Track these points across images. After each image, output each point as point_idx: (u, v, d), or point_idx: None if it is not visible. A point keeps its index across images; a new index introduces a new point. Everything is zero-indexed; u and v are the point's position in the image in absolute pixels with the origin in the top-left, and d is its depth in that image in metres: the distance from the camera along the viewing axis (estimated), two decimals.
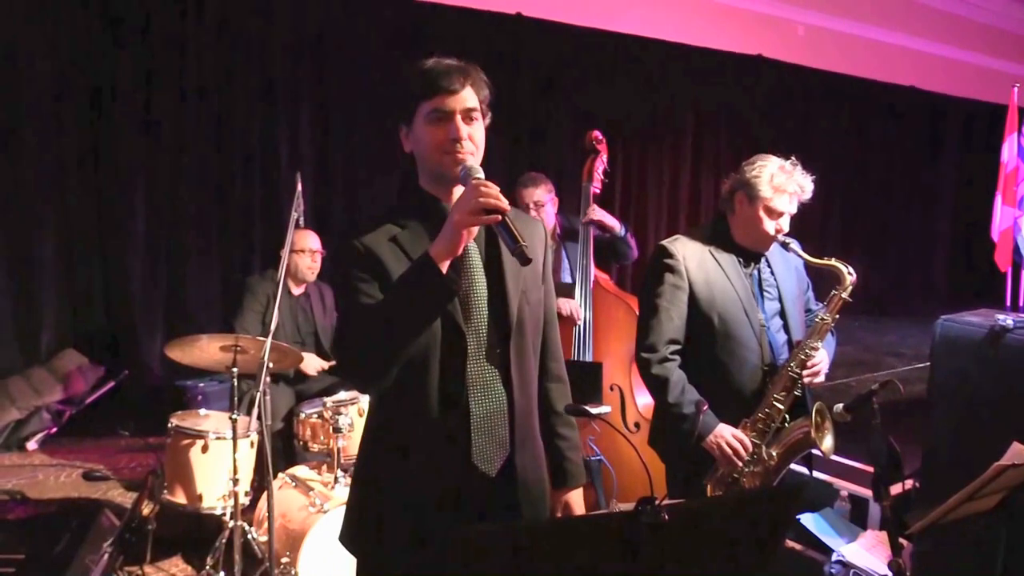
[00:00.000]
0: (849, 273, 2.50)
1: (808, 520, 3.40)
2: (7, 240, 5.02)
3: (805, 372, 2.47)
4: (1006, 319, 2.71)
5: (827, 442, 2.43)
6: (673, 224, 7.76)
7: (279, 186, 5.69)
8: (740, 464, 2.46)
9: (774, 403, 2.46)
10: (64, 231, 5.18)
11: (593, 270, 3.76)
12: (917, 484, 3.20)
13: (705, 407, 2.30)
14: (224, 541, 3.11)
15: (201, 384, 4.81)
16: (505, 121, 6.78)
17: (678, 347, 2.52)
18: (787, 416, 2.48)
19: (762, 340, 2.51)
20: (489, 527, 1.47)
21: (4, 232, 5.01)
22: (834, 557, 3.18)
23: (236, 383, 3.12)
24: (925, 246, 10.49)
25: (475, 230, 1.67)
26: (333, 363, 4.03)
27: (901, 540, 2.14)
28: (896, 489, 3.58)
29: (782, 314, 2.58)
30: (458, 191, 1.75)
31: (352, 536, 1.83)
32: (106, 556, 2.55)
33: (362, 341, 1.61)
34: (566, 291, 3.88)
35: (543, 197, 3.98)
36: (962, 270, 10.43)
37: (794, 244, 2.54)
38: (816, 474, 3.79)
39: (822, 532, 3.35)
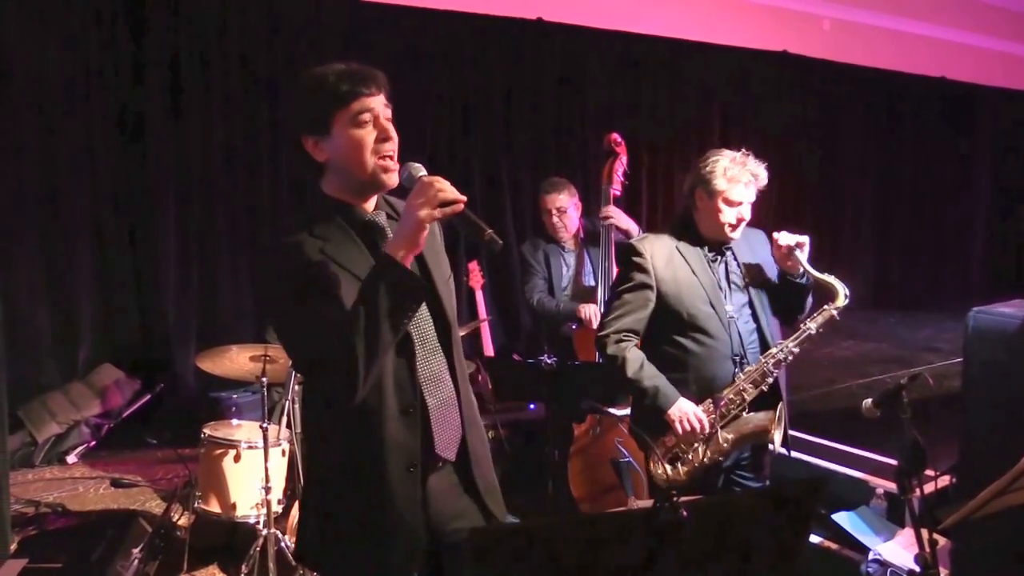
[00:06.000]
0: (845, 296, 2.58)
1: (843, 519, 3.36)
2: (45, 259, 5.13)
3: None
4: None
5: (776, 439, 2.55)
6: None
7: (307, 198, 5.75)
8: (695, 440, 2.56)
9: (742, 392, 2.57)
10: (99, 249, 5.29)
11: (615, 271, 3.75)
12: (954, 480, 3.14)
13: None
14: (258, 549, 3.15)
15: (235, 395, 4.88)
16: (529, 126, 6.80)
17: (635, 336, 2.65)
18: (747, 407, 2.59)
19: (731, 331, 2.62)
20: (508, 525, 1.48)
21: (42, 251, 5.12)
22: (871, 556, 3.14)
23: (266, 392, 3.16)
24: (961, 239, 10.29)
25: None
26: None
27: (938, 537, 2.11)
28: (933, 486, 3.53)
29: (751, 304, 2.68)
30: (373, 199, 1.77)
31: (315, 551, 1.81)
32: (136, 562, 2.59)
33: (343, 353, 1.56)
34: (588, 294, 3.87)
35: (566, 202, 4.00)
36: (1000, 262, 10.22)
37: (798, 251, 2.61)
38: (851, 472, 3.74)
39: (858, 531, 3.30)
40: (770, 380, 2.57)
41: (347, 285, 1.64)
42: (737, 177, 2.56)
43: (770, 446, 2.58)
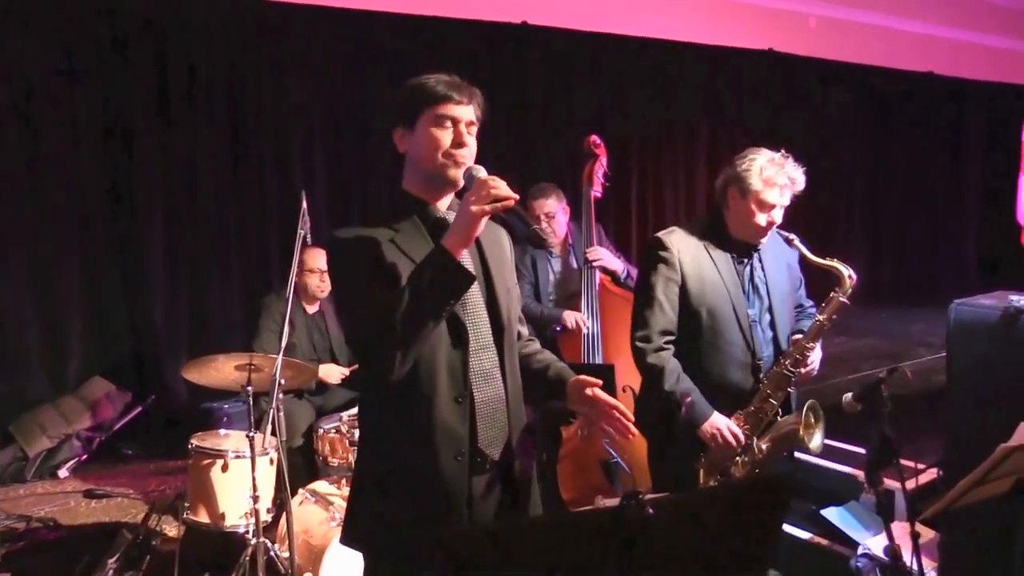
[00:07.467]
0: (849, 276, 2.53)
1: (833, 514, 3.37)
2: (32, 273, 5.12)
3: (803, 370, 2.52)
4: (1020, 300, 2.67)
5: (815, 440, 2.48)
6: None
7: (295, 205, 5.74)
8: (733, 454, 2.51)
9: (768, 398, 2.51)
10: (87, 261, 5.28)
11: (598, 277, 3.76)
12: (941, 473, 3.15)
13: (689, 398, 2.33)
14: (247, 559, 3.13)
15: (226, 406, 4.85)
16: (517, 131, 6.80)
17: (671, 338, 2.56)
18: (780, 411, 2.54)
19: (748, 337, 2.55)
20: (474, 527, 1.49)
21: (29, 265, 5.11)
22: (860, 550, 3.15)
23: (252, 401, 3.15)
24: (952, 232, 10.31)
25: (481, 227, 1.76)
26: (354, 368, 4.07)
27: (926, 529, 2.11)
28: (922, 479, 3.54)
29: (770, 310, 2.61)
30: (447, 198, 1.89)
31: (359, 534, 1.91)
32: (111, 572, 2.59)
33: (387, 332, 1.68)
34: (574, 298, 3.86)
35: (554, 208, 3.98)
36: (992, 255, 10.22)
37: (798, 241, 2.60)
38: (840, 467, 3.75)
39: (847, 526, 3.32)
40: (794, 381, 2.51)
41: (408, 274, 1.76)
42: (773, 179, 2.47)
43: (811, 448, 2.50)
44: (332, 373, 4.06)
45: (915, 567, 2.03)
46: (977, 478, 1.75)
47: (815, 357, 2.56)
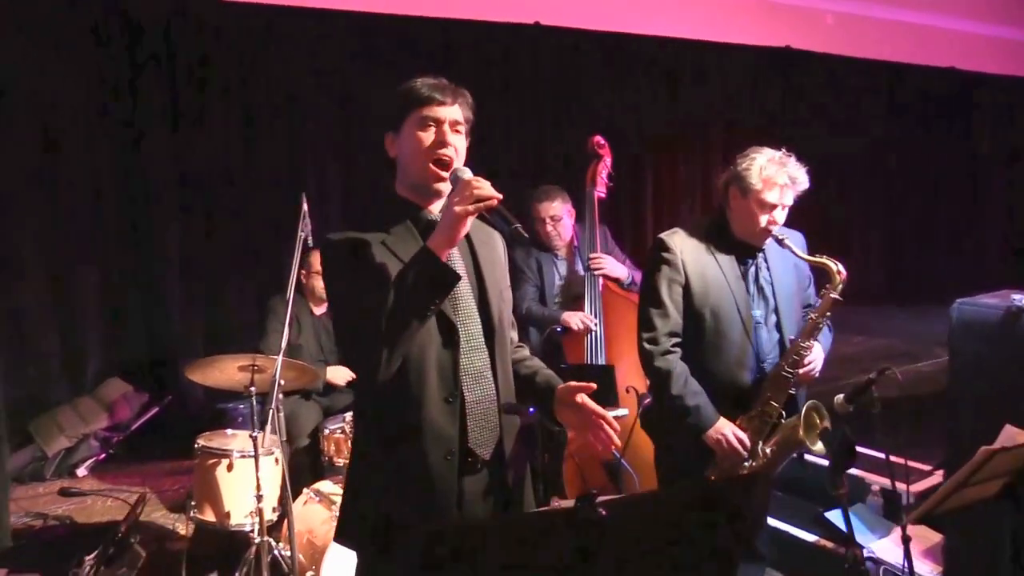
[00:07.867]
0: (839, 272, 2.47)
1: (837, 516, 3.33)
2: (50, 277, 5.23)
3: (801, 370, 2.47)
4: (1022, 299, 2.63)
5: (820, 442, 2.44)
6: None
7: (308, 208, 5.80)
8: (740, 460, 2.47)
9: (770, 402, 2.47)
10: (104, 264, 5.38)
11: (601, 280, 3.75)
12: (945, 474, 3.11)
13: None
14: (252, 557, 3.17)
15: (241, 406, 4.89)
16: (530, 132, 6.80)
17: (678, 340, 2.53)
18: (783, 413, 2.49)
19: (752, 339, 2.51)
20: (433, 527, 1.50)
21: (47, 269, 5.22)
22: (864, 553, 3.11)
23: (254, 401, 3.19)
24: (976, 230, 10.12)
25: (466, 227, 1.77)
26: None
27: (929, 532, 2.07)
28: (930, 482, 3.50)
29: (776, 311, 2.57)
30: (440, 201, 1.89)
31: (352, 531, 1.92)
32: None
33: (374, 332, 1.69)
34: (578, 300, 3.83)
35: (560, 210, 3.94)
36: (1017, 252, 10.04)
37: (789, 240, 2.54)
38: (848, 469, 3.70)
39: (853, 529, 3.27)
40: (793, 382, 2.48)
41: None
42: (773, 178, 2.44)
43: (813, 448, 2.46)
44: (339, 375, 4.09)
45: (906, 569, 2.01)
46: (960, 480, 1.73)
47: (814, 357, 2.52)
